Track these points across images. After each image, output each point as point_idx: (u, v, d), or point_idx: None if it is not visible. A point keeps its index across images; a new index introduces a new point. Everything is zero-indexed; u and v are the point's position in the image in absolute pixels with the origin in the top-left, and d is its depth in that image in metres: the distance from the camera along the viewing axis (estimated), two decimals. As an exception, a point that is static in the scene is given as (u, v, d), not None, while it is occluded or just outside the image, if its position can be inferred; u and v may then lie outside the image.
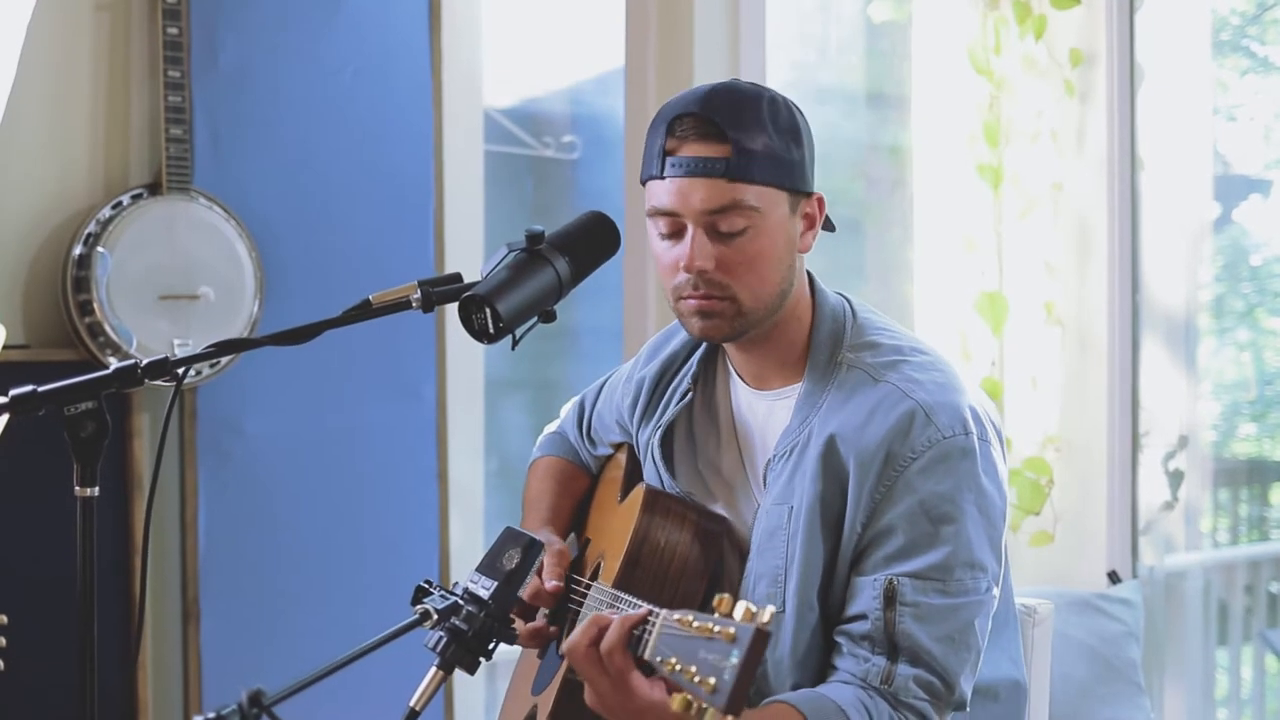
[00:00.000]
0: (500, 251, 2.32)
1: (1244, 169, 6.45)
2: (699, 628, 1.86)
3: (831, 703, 2.23)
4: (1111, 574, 4.69)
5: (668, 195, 2.32)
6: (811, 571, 2.32)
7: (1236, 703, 5.56)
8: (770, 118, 2.34)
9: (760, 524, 2.39)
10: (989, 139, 4.67)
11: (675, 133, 2.32)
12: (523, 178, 4.91)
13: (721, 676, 1.79)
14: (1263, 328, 6.78)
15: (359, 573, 4.09)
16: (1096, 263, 4.74)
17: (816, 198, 2.42)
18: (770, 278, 2.36)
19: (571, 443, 2.88)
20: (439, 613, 2.26)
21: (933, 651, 2.25)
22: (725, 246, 2.32)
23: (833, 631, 2.33)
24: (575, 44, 5.05)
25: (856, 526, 2.31)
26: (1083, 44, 4.73)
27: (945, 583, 2.27)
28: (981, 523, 2.31)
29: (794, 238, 2.39)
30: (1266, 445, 6.93)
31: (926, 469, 2.28)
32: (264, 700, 1.84)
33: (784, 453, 2.39)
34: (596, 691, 2.09)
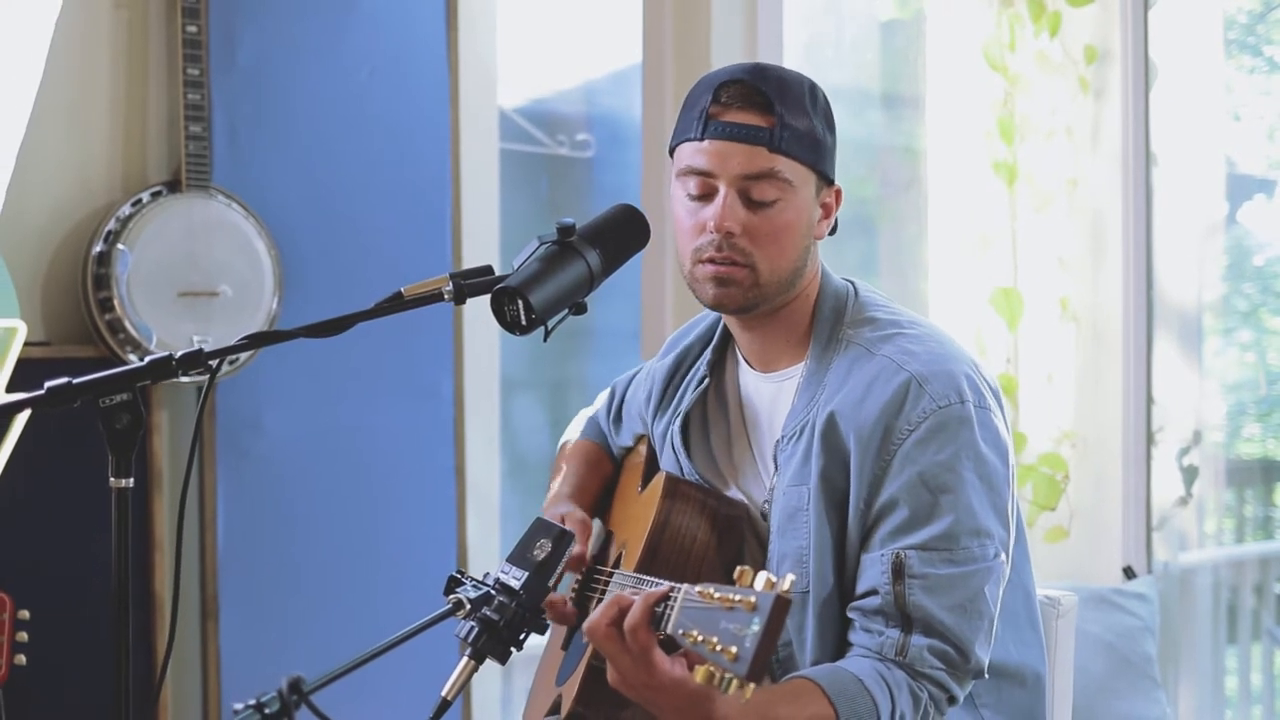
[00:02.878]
0: (531, 244, 2.33)
1: (1248, 169, 6.46)
2: (720, 599, 1.87)
3: (850, 674, 2.25)
4: (1127, 569, 4.69)
5: (705, 156, 2.36)
6: (825, 549, 2.35)
7: (1246, 700, 5.57)
8: (811, 101, 2.39)
9: (779, 506, 2.41)
10: (1004, 135, 4.68)
11: (721, 99, 2.36)
12: (538, 176, 4.92)
13: (743, 645, 1.81)
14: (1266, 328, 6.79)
15: (376, 569, 4.10)
16: (1111, 259, 4.75)
17: (836, 189, 2.46)
18: (790, 253, 2.39)
19: (602, 428, 2.90)
20: (471, 603, 2.27)
21: (945, 621, 2.27)
22: (754, 214, 2.36)
23: (846, 609, 2.36)
24: (590, 42, 5.06)
25: (860, 503, 2.33)
26: (1097, 41, 4.74)
27: (952, 552, 2.29)
28: (983, 489, 2.33)
29: (813, 221, 2.42)
30: (1271, 445, 6.93)
31: (924, 440, 2.31)
32: (304, 688, 1.85)
33: (793, 434, 2.41)
34: (619, 669, 2.10)
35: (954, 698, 2.32)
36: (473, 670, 2.26)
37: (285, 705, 1.84)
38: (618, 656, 2.09)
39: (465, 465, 4.25)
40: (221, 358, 2.20)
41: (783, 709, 2.20)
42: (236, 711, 1.82)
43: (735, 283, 2.38)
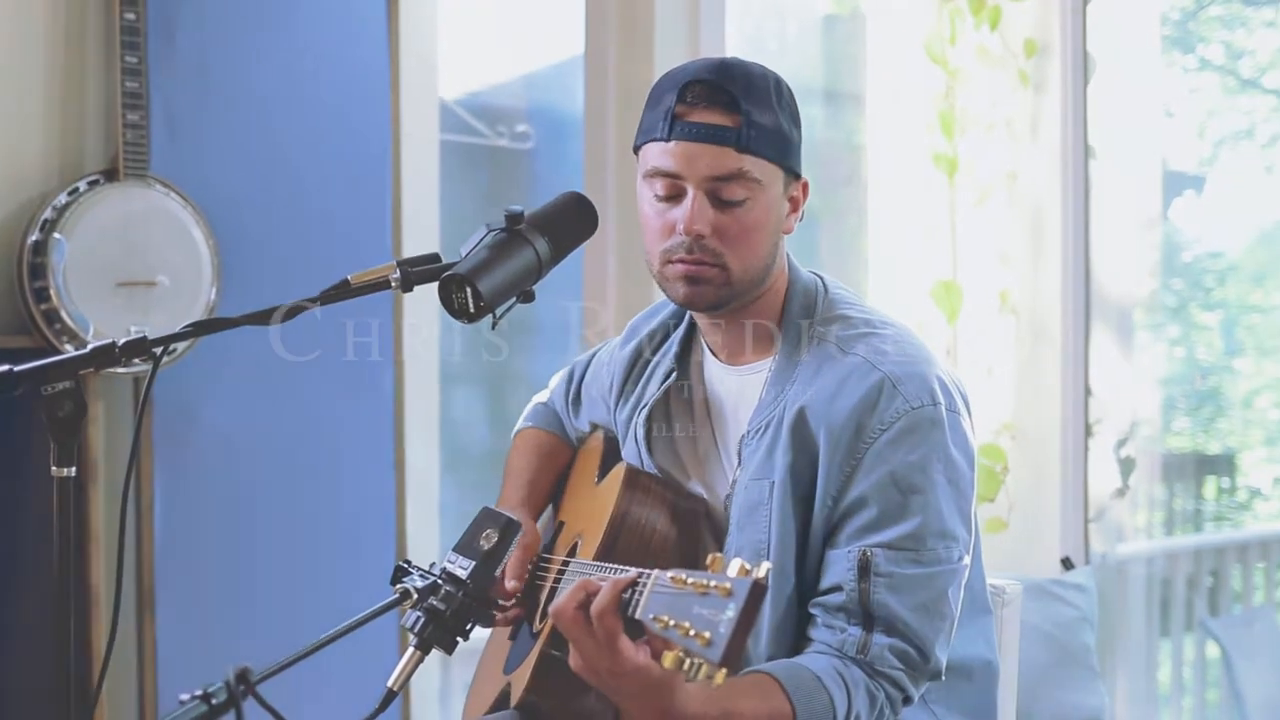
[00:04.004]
0: (480, 231, 2.32)
1: (1180, 165, 6.51)
2: (694, 584, 1.86)
3: (808, 671, 2.25)
4: (1065, 560, 4.72)
5: (672, 158, 2.35)
6: (786, 543, 2.35)
7: (1179, 691, 5.61)
8: (776, 97, 2.39)
9: (739, 499, 2.42)
10: (944, 129, 4.70)
11: (686, 98, 2.35)
12: (478, 167, 4.92)
13: (717, 630, 1.80)
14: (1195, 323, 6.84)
15: (315, 562, 4.08)
16: (1050, 252, 4.77)
17: (803, 183, 2.47)
18: (760, 251, 2.39)
19: (558, 413, 2.88)
20: (418, 592, 2.26)
21: (908, 621, 2.28)
22: (723, 214, 2.35)
23: (808, 604, 2.36)
24: (530, 35, 5.06)
25: (828, 499, 2.34)
26: (1037, 35, 4.76)
27: (918, 552, 2.30)
28: (951, 492, 2.34)
29: (782, 217, 2.42)
30: (1201, 439, 7.00)
31: (896, 440, 2.31)
32: (251, 678, 1.84)
33: (759, 428, 2.41)
34: (583, 654, 2.09)
35: (909, 698, 2.33)
36: (419, 660, 2.26)
37: (233, 696, 1.83)
38: (583, 641, 2.07)
39: (405, 458, 4.24)
40: (166, 345, 2.19)
41: (741, 703, 2.20)
42: (182, 702, 1.81)
43: (707, 281, 2.38)
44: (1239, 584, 5.85)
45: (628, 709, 2.14)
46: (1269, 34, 7.04)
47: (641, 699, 2.09)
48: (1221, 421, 7.14)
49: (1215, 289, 7.16)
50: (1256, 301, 7.18)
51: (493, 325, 2.32)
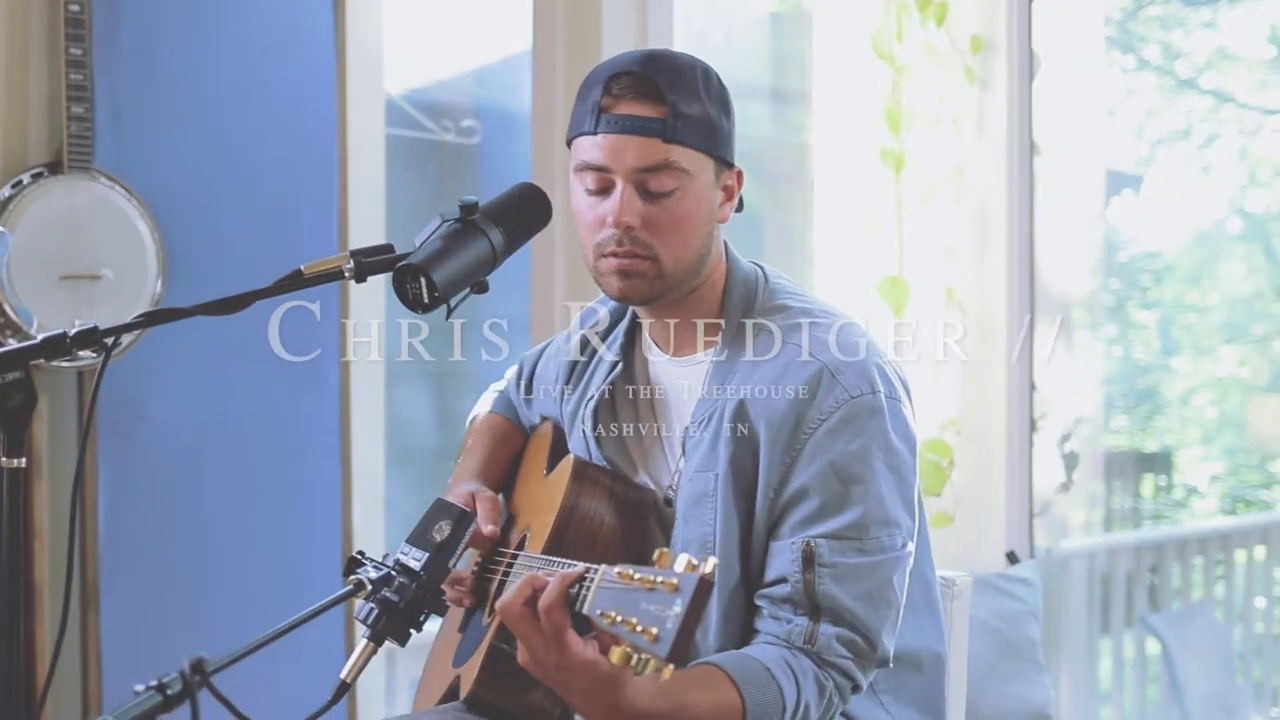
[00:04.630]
0: (434, 221, 2.32)
1: (1119, 165, 6.57)
2: (641, 580, 1.87)
3: (757, 662, 2.26)
4: (1010, 554, 4.75)
5: (600, 151, 2.36)
6: (731, 535, 2.36)
7: (1120, 685, 5.66)
8: (704, 87, 2.39)
9: (684, 492, 2.42)
10: (891, 125, 4.72)
11: (612, 90, 2.36)
12: (425, 162, 4.91)
13: (664, 626, 1.80)
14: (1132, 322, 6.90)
15: (261, 556, 4.06)
16: (995, 248, 4.80)
17: (737, 171, 2.48)
18: (692, 241, 2.40)
19: (512, 401, 2.88)
20: (372, 583, 2.26)
21: (854, 610, 2.29)
22: (652, 206, 2.36)
23: (754, 596, 2.36)
24: (477, 32, 5.05)
25: (770, 491, 2.35)
26: (983, 31, 4.79)
27: (862, 541, 2.31)
28: (893, 480, 2.35)
29: (715, 207, 2.43)
30: (1139, 437, 7.06)
31: (836, 429, 2.33)
32: (205, 669, 1.83)
33: (703, 420, 2.42)
34: (530, 650, 2.08)
35: (858, 686, 2.34)
36: (372, 652, 2.26)
37: (188, 686, 1.82)
38: (530, 637, 2.07)
39: (351, 452, 4.22)
40: (117, 335, 2.18)
41: (690, 695, 2.20)
42: (137, 693, 1.80)
43: (639, 275, 2.39)
44: (1178, 580, 5.90)
45: (576, 704, 2.14)
46: (1206, 35, 7.11)
47: (590, 694, 2.09)
48: (1159, 420, 7.21)
49: (1152, 288, 7.23)
50: (1193, 301, 7.25)
51: (447, 315, 2.32)
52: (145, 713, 1.79)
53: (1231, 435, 7.43)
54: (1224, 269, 7.44)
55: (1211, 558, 6.01)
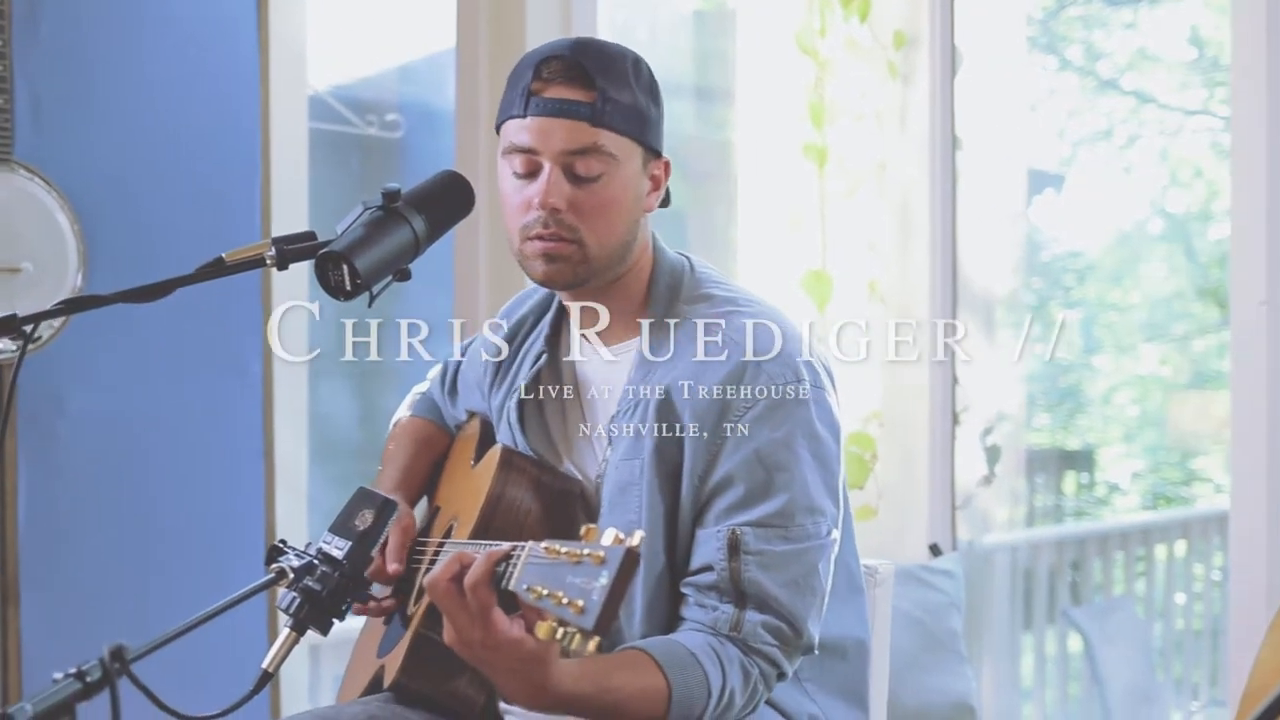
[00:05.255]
0: (356, 209, 2.32)
1: (1041, 164, 6.59)
2: (568, 554, 1.87)
3: (682, 647, 2.27)
4: (933, 547, 4.77)
5: (528, 133, 2.36)
6: (656, 523, 2.36)
7: (1043, 680, 5.69)
8: (634, 75, 2.40)
9: (610, 480, 2.43)
10: (814, 120, 4.74)
11: (542, 74, 2.37)
12: (348, 155, 4.90)
13: (590, 598, 1.80)
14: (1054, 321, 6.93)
15: (184, 550, 4.04)
16: (918, 242, 4.83)
17: (664, 161, 2.48)
18: (618, 227, 2.40)
19: (436, 402, 2.88)
20: (294, 572, 2.25)
21: (779, 597, 2.31)
22: (579, 190, 2.37)
23: (679, 584, 2.37)
24: (401, 27, 5.04)
25: (695, 479, 2.35)
26: (905, 26, 4.82)
27: (786, 529, 2.32)
28: (817, 468, 2.37)
29: (641, 195, 2.43)
30: (1060, 435, 7.09)
31: (761, 417, 2.34)
32: (126, 656, 1.81)
33: (629, 409, 2.42)
34: (456, 627, 2.08)
35: (783, 673, 2.35)
36: (294, 641, 2.25)
37: (108, 673, 1.80)
38: (456, 614, 2.07)
39: (274, 446, 4.20)
40: (37, 322, 2.16)
41: (616, 678, 2.21)
42: (56, 680, 1.78)
43: (563, 259, 2.39)
44: (1100, 576, 5.94)
45: (502, 685, 2.13)
46: (1128, 35, 7.14)
47: (515, 673, 2.09)
48: (1081, 418, 7.23)
49: (1074, 288, 7.26)
50: (1114, 300, 7.28)
51: (369, 303, 2.31)
52: (64, 701, 1.77)
53: (1153, 433, 7.47)
54: (1145, 269, 7.47)
55: (1132, 553, 6.05)
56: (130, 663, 1.81)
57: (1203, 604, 6.38)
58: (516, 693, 2.13)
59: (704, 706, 2.25)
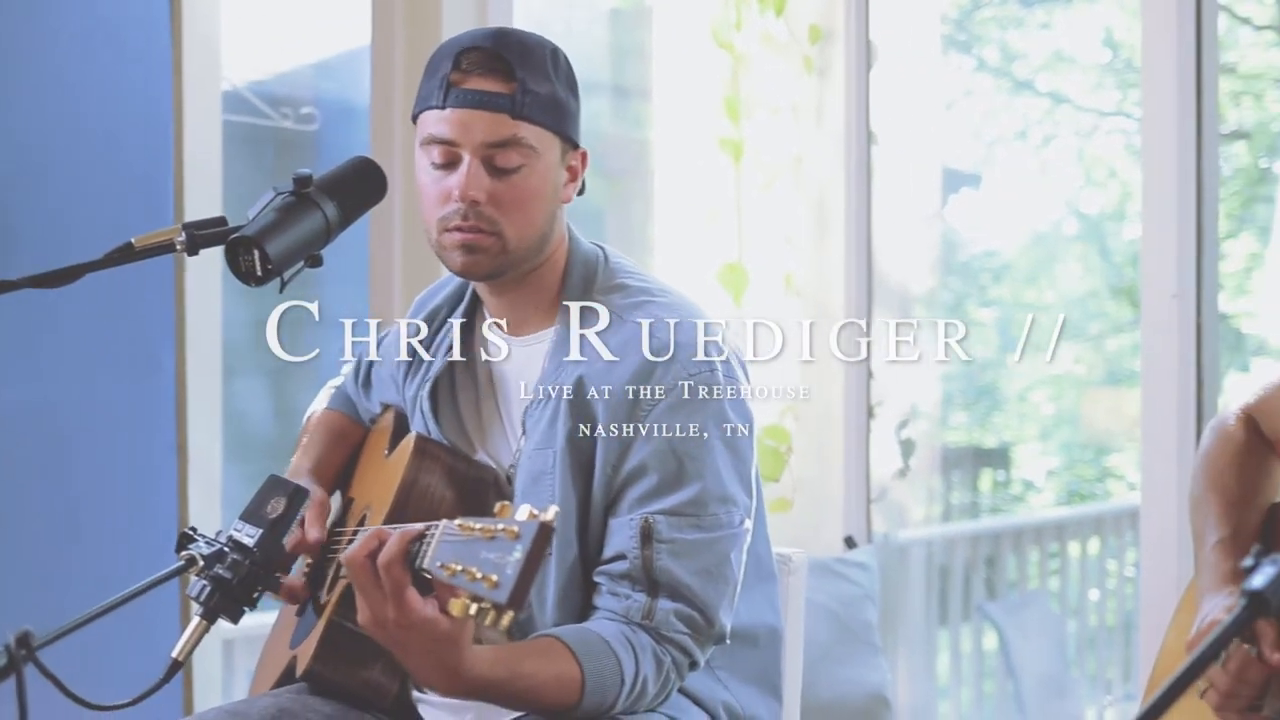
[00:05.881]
0: (267, 194, 2.31)
1: (956, 163, 6.63)
2: (482, 529, 1.87)
3: (596, 635, 2.28)
4: (848, 539, 4.79)
5: (447, 125, 2.35)
6: (570, 512, 2.37)
7: (958, 676, 5.72)
8: (553, 66, 2.41)
9: (524, 469, 2.43)
10: (730, 114, 4.75)
11: (462, 65, 2.36)
12: (262, 148, 4.88)
13: (504, 572, 1.81)
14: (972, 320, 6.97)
15: (96, 544, 4.00)
16: (834, 235, 4.85)
17: (581, 152, 2.49)
18: (536, 219, 2.40)
19: (350, 396, 2.87)
20: (204, 559, 2.24)
21: (691, 586, 2.32)
22: (499, 182, 2.36)
23: (592, 573, 2.38)
24: (317, 22, 5.03)
25: (607, 468, 2.36)
26: (821, 21, 4.84)
27: (699, 518, 2.33)
28: (730, 457, 2.38)
29: (560, 186, 2.44)
30: (977, 434, 7.13)
31: (674, 407, 2.35)
32: (32, 642, 1.80)
33: (542, 398, 2.43)
34: (370, 605, 2.09)
35: (695, 662, 2.37)
36: (204, 630, 2.25)
37: (13, 660, 1.79)
38: (371, 591, 2.08)
39: (187, 440, 4.17)
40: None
41: (529, 664, 2.22)
42: (-40, 668, 1.77)
43: (483, 250, 2.38)
44: (1014, 572, 5.98)
45: (415, 667, 2.13)
46: (1043, 36, 7.19)
47: (429, 656, 2.09)
48: (997, 416, 7.28)
49: (991, 287, 7.30)
50: (1030, 300, 7.32)
51: (280, 289, 2.30)
52: (-33, 686, 1.75)
53: (1067, 430, 7.53)
54: (1061, 269, 7.53)
55: (1047, 549, 6.09)
56: (36, 649, 1.80)
57: (1116, 600, 6.44)
58: (430, 677, 2.13)
59: (617, 694, 2.26)
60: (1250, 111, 6.45)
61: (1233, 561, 2.36)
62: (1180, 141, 3.91)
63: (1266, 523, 2.47)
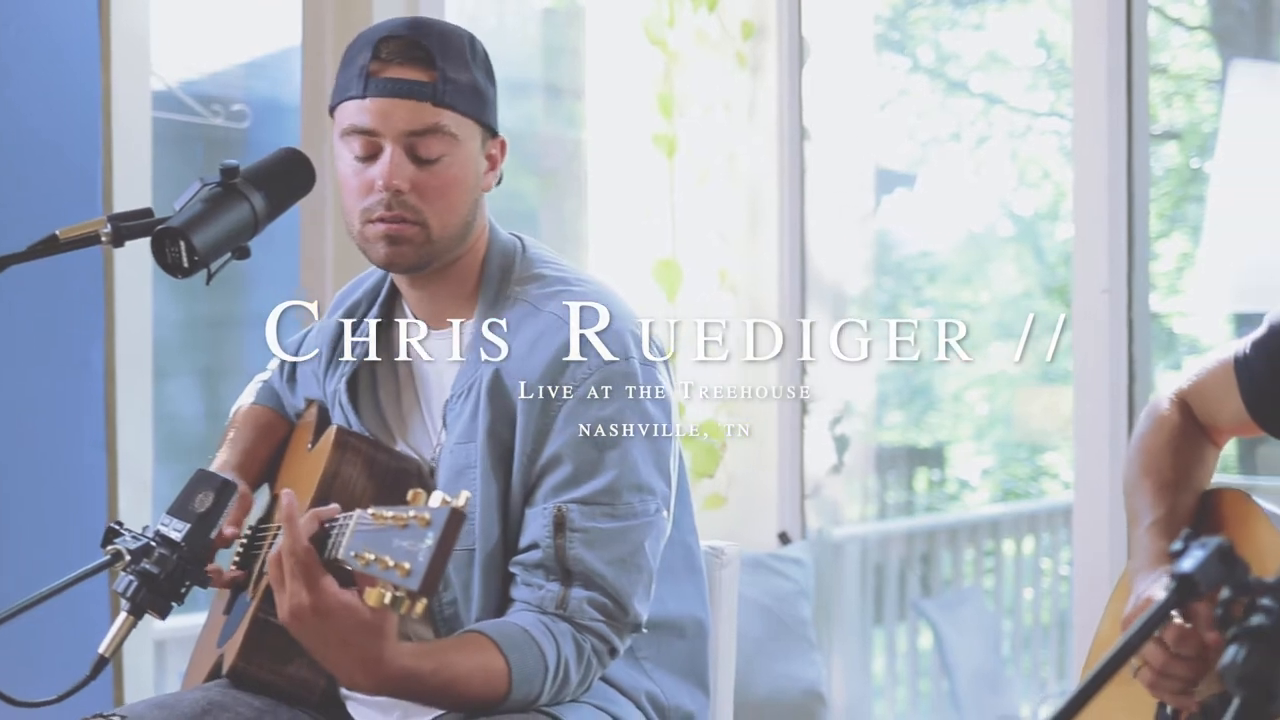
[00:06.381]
0: (194, 185, 2.29)
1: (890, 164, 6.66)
2: (394, 518, 1.87)
3: (516, 627, 2.27)
4: (782, 535, 4.80)
5: (368, 114, 2.34)
6: (491, 505, 2.36)
7: (894, 674, 5.74)
8: (471, 53, 2.41)
9: (446, 463, 2.43)
10: (663, 110, 4.76)
11: (381, 54, 2.35)
12: (193, 146, 4.86)
13: (416, 560, 1.81)
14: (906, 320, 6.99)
15: (23, 547, 3.96)
16: (767, 231, 4.86)
17: (501, 140, 2.48)
18: (459, 208, 2.40)
19: (277, 390, 2.85)
20: (131, 554, 2.23)
21: (604, 574, 2.31)
22: (421, 170, 2.36)
23: (508, 563, 2.37)
24: (247, 19, 5.02)
25: (525, 458, 2.36)
26: (753, 17, 4.85)
27: (613, 506, 2.33)
28: (647, 446, 2.37)
29: (480, 174, 2.44)
30: (912, 433, 7.17)
31: (590, 397, 2.35)
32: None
33: (462, 391, 2.42)
34: (288, 594, 2.09)
35: (615, 649, 2.36)
36: (131, 625, 2.23)
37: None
38: (286, 581, 2.07)
39: (116, 440, 4.13)
40: None
41: (453, 656, 2.21)
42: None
43: (407, 240, 2.37)
44: (949, 570, 6.00)
45: (337, 663, 2.12)
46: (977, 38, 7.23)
47: (351, 647, 2.08)
48: (932, 415, 7.32)
49: (925, 287, 7.34)
50: (965, 300, 7.36)
51: (207, 280, 2.28)
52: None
53: (1002, 429, 7.57)
54: (995, 269, 7.57)
55: (981, 547, 6.12)
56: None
57: (1050, 598, 6.48)
58: (352, 672, 2.12)
59: (542, 683, 2.26)
60: (1182, 112, 6.51)
61: (1166, 542, 2.37)
62: (1111, 141, 3.94)
63: (1200, 506, 2.49)
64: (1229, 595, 1.49)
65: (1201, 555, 1.50)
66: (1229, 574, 1.49)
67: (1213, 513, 2.48)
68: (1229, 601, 1.49)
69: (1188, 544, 1.52)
